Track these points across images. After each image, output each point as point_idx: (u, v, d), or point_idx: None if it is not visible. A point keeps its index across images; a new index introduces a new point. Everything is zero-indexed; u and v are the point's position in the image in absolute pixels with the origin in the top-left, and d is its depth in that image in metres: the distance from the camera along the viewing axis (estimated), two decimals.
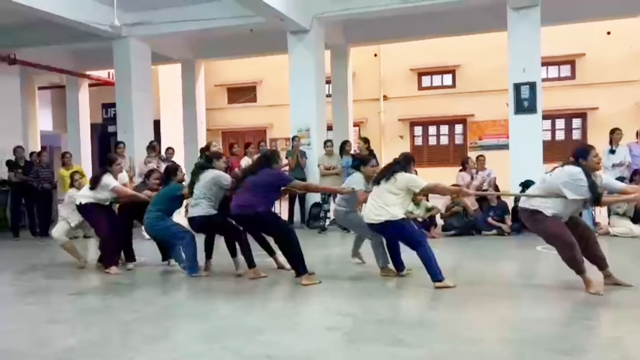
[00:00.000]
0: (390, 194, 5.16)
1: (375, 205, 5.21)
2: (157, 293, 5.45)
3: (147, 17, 10.90)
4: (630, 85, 15.35)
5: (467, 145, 17.33)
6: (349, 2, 10.03)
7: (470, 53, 16.42)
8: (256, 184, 5.48)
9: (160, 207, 6.00)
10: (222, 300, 4.95)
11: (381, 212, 5.17)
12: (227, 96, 19.95)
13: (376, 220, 5.19)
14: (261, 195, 5.43)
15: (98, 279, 6.10)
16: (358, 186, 5.63)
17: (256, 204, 5.37)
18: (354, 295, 4.94)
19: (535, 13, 9.27)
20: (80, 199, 6.28)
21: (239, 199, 5.52)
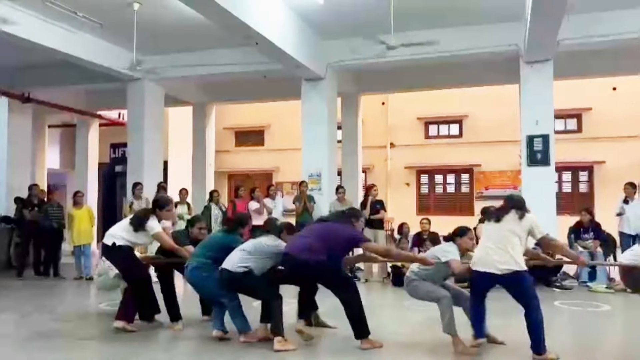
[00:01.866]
0: (514, 236, 4.40)
1: (495, 249, 4.40)
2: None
3: (163, 60, 11.08)
4: (636, 140, 15.46)
5: (473, 195, 17.31)
6: (363, 52, 10.20)
7: (477, 104, 16.61)
8: (329, 235, 4.87)
9: (210, 255, 5.24)
10: None
11: (506, 258, 4.35)
12: (234, 139, 20.07)
13: (501, 271, 4.34)
14: (331, 248, 4.81)
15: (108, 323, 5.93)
16: (452, 255, 4.81)
17: (322, 253, 4.73)
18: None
19: (548, 67, 9.45)
20: (114, 239, 5.42)
21: (303, 241, 4.89)
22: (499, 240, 4.43)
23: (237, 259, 5.00)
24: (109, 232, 5.57)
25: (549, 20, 7.50)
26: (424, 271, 4.91)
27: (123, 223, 5.64)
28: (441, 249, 4.95)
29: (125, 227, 5.50)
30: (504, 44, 9.63)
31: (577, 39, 9.05)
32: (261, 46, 8.75)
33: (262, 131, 19.74)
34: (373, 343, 4.77)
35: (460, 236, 4.90)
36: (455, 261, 4.76)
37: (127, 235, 5.43)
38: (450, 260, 4.76)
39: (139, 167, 11.55)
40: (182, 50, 10.95)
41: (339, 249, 4.89)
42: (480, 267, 4.50)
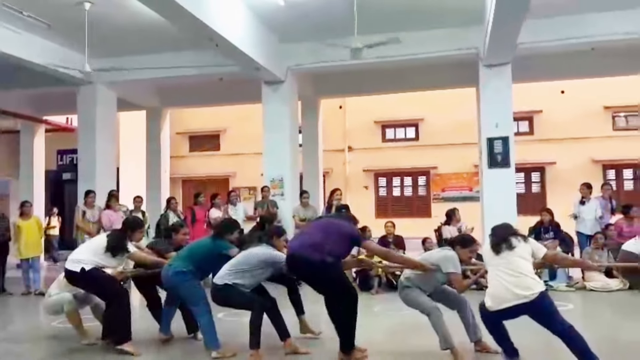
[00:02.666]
0: (523, 260, 4.15)
1: (514, 277, 4.06)
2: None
3: (115, 63, 10.59)
4: (585, 141, 16.06)
5: (430, 197, 17.51)
6: (324, 55, 10.09)
7: (432, 107, 16.83)
8: (333, 230, 4.56)
9: (194, 261, 4.96)
10: None
11: (529, 282, 4.03)
12: (188, 144, 19.59)
13: (528, 298, 3.98)
14: (335, 243, 4.47)
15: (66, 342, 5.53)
16: (453, 268, 4.53)
17: (327, 251, 4.38)
18: None
19: (507, 70, 9.62)
20: (82, 264, 5.01)
21: (306, 237, 4.60)
22: (511, 268, 4.12)
23: (224, 272, 4.76)
24: (72, 257, 5.18)
25: (510, 24, 7.61)
26: (417, 276, 4.69)
27: (92, 246, 5.27)
28: (444, 258, 4.61)
29: (96, 251, 5.12)
30: (464, 47, 9.74)
31: (533, 43, 9.24)
32: (222, 48, 8.51)
33: (217, 136, 19.38)
34: (355, 359, 4.46)
35: (462, 247, 4.65)
36: (458, 278, 4.55)
37: (97, 258, 5.09)
38: (453, 275, 4.53)
39: (91, 174, 11.05)
40: (136, 53, 10.53)
41: (341, 245, 4.56)
42: (503, 303, 4.08)
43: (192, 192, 18.67)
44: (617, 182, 16.02)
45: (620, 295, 7.99)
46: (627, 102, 16.11)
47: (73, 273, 5.07)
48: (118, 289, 5.20)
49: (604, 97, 16.06)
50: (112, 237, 5.21)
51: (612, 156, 16.09)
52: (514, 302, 4.00)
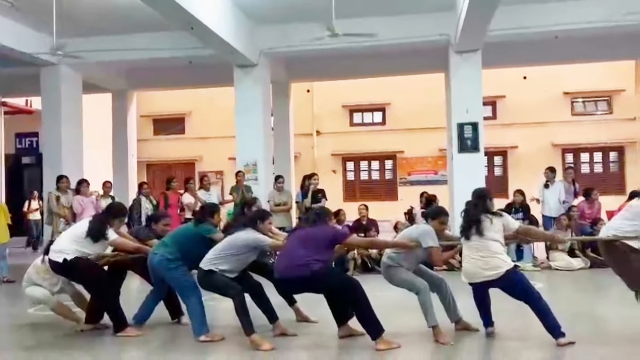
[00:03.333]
0: (493, 241, 4.42)
1: (481, 258, 4.40)
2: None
3: (82, 44, 10.28)
4: (546, 126, 16.61)
5: (397, 181, 17.80)
6: (298, 39, 10.06)
7: (399, 92, 17.02)
8: (310, 240, 4.62)
9: (178, 247, 4.96)
10: None
11: (496, 262, 4.36)
12: (153, 127, 19.24)
13: (495, 275, 4.36)
14: (318, 252, 4.53)
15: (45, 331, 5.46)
16: (432, 242, 4.65)
17: (311, 262, 4.45)
18: None
19: (477, 57, 9.82)
20: (64, 255, 4.97)
21: (287, 257, 4.61)
22: (481, 249, 4.44)
23: (210, 257, 4.77)
24: (54, 247, 5.13)
25: (484, 11, 7.77)
26: (399, 255, 4.78)
27: (72, 234, 5.20)
28: (423, 233, 4.73)
29: (77, 239, 5.07)
30: (435, 34, 9.89)
31: (502, 30, 9.44)
32: (196, 31, 8.39)
33: (182, 119, 19.11)
34: (389, 343, 4.44)
35: (433, 218, 4.82)
36: (437, 252, 4.69)
37: (79, 247, 5.03)
38: (432, 249, 4.65)
39: (56, 158, 10.75)
40: (103, 34, 10.24)
41: (323, 250, 4.62)
42: (473, 279, 4.50)
43: (156, 177, 18.46)
44: (574, 164, 16.65)
45: (582, 274, 8.40)
46: (585, 88, 16.76)
47: (56, 263, 5.04)
48: (102, 277, 5.16)
49: (564, 84, 16.62)
50: (93, 223, 5.15)
51: (570, 140, 16.72)
52: (482, 280, 4.43)
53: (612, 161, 17.08)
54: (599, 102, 17.21)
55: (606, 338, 4.70)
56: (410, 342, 4.61)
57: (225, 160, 17.06)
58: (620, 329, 4.98)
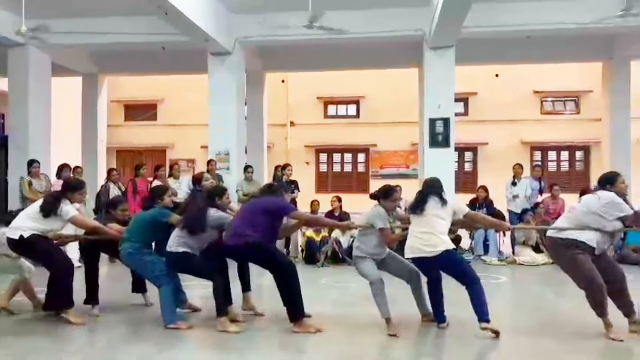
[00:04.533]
0: (439, 219, 4.57)
1: (423, 234, 4.54)
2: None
3: (52, 25, 10.03)
4: (516, 123, 16.90)
5: (369, 174, 17.92)
6: (274, 28, 10.03)
7: (374, 85, 17.10)
8: (254, 211, 4.79)
9: (139, 237, 5.04)
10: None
11: (435, 241, 4.49)
12: (124, 113, 18.91)
13: (431, 253, 4.50)
14: (258, 223, 4.69)
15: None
16: (382, 223, 4.77)
17: (249, 233, 4.64)
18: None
19: (451, 53, 9.93)
20: (21, 231, 4.93)
21: (233, 226, 4.77)
22: (425, 225, 4.59)
23: (173, 240, 4.84)
24: (12, 224, 5.08)
25: (458, 7, 7.87)
26: (363, 244, 4.87)
27: (28, 211, 5.15)
28: (374, 215, 4.84)
29: (32, 215, 5.05)
30: (410, 29, 9.97)
31: (475, 28, 9.57)
32: (171, 17, 8.28)
33: (154, 105, 18.81)
34: (307, 327, 4.64)
35: (384, 198, 4.90)
36: (387, 233, 4.79)
37: (35, 224, 4.99)
38: (382, 231, 4.75)
39: (24, 141, 10.51)
40: (74, 15, 10.01)
41: (266, 221, 4.74)
42: (412, 254, 4.66)
43: (127, 163, 18.18)
44: (542, 162, 17.03)
45: (545, 269, 8.64)
46: (554, 88, 17.11)
47: (12, 240, 5.02)
48: (59, 255, 5.13)
49: (534, 83, 16.93)
50: (47, 197, 5.15)
51: (539, 138, 17.06)
52: (418, 255, 4.58)
53: (578, 160, 17.51)
54: (567, 102, 17.59)
55: (555, 330, 4.85)
56: (365, 332, 4.76)
57: (198, 149, 16.88)
58: (570, 321, 5.15)
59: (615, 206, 4.53)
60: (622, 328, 4.58)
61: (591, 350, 4.38)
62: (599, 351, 4.39)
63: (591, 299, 4.48)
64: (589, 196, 4.73)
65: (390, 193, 4.94)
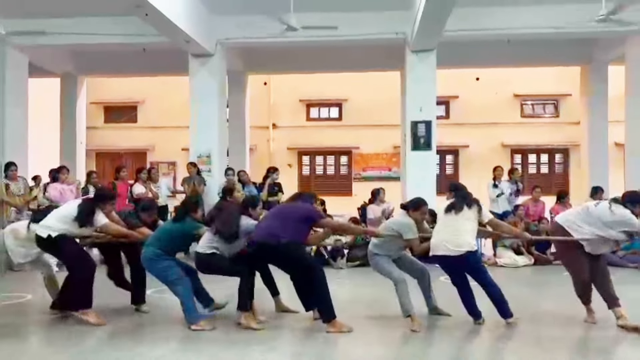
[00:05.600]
0: (467, 221, 4.75)
1: (450, 234, 4.71)
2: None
3: (29, 25, 9.89)
4: (496, 126, 17.07)
5: (352, 176, 17.94)
6: (256, 30, 9.99)
7: (356, 88, 17.13)
8: (285, 215, 4.92)
9: (165, 245, 5.07)
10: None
11: (460, 241, 4.66)
12: (103, 115, 18.67)
13: (455, 252, 4.67)
14: (290, 227, 4.77)
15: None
16: (412, 234, 4.97)
17: (282, 235, 4.70)
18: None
19: (432, 56, 9.99)
20: (50, 231, 5.04)
21: (264, 226, 4.90)
22: (451, 225, 4.76)
23: (204, 241, 4.95)
24: (43, 222, 5.18)
25: (440, 11, 7.91)
26: (385, 244, 5.05)
27: (61, 213, 5.21)
28: (404, 225, 5.01)
29: (64, 218, 5.12)
30: (392, 32, 10.00)
31: (456, 31, 9.63)
32: (151, 18, 8.19)
33: (134, 107, 18.60)
34: (340, 326, 4.68)
35: (414, 210, 5.08)
36: (416, 242, 4.99)
37: (66, 226, 5.09)
38: (412, 241, 4.97)
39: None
40: (52, 15, 9.86)
41: (296, 226, 4.83)
42: (436, 252, 4.79)
43: (106, 166, 17.94)
44: (522, 165, 17.21)
45: (526, 270, 8.74)
46: (534, 91, 17.32)
47: (40, 238, 5.12)
48: (83, 257, 5.19)
49: (514, 86, 17.11)
50: (82, 207, 5.17)
51: (519, 141, 17.24)
52: (443, 253, 4.73)
53: (557, 162, 17.75)
54: (546, 105, 17.82)
55: (531, 332, 4.85)
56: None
57: (179, 151, 16.74)
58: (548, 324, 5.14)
59: (626, 224, 4.74)
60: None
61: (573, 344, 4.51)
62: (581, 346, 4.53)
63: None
64: (604, 207, 4.85)
65: (420, 205, 5.13)
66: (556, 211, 10.07)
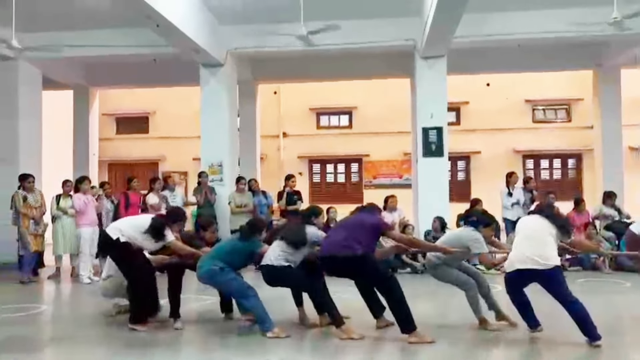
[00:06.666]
0: (551, 237, 4.63)
1: (535, 246, 4.56)
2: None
3: (42, 39, 9.97)
4: (507, 132, 16.99)
5: (362, 184, 17.91)
6: (263, 40, 10.03)
7: (366, 96, 17.16)
8: (355, 226, 4.90)
9: (227, 260, 5.06)
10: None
11: (548, 254, 4.52)
12: (115, 126, 18.85)
13: (543, 266, 4.48)
14: (362, 238, 4.75)
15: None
16: (483, 248, 4.97)
17: (356, 246, 4.69)
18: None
19: (442, 63, 9.96)
20: (120, 235, 5.14)
21: (334, 239, 4.87)
22: (534, 238, 4.65)
23: (276, 253, 4.96)
24: (114, 224, 5.38)
25: (450, 18, 7.89)
26: (446, 255, 5.09)
27: (135, 223, 5.34)
28: (472, 240, 5.00)
29: (136, 228, 5.22)
30: (402, 39, 9.99)
31: (466, 37, 9.60)
32: (162, 29, 8.25)
33: (146, 118, 18.78)
34: (422, 337, 4.62)
35: (485, 226, 5.13)
36: (487, 256, 5.04)
37: (134, 234, 5.19)
38: (483, 255, 5.00)
39: (14, 156, 10.40)
40: (64, 29, 9.96)
41: (367, 237, 4.84)
42: (520, 265, 4.60)
43: (118, 176, 18.08)
44: (534, 171, 17.11)
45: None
46: (545, 96, 17.23)
47: (109, 238, 5.19)
48: (144, 268, 5.23)
49: (525, 91, 17.04)
50: (154, 221, 5.27)
51: (531, 147, 17.14)
52: (529, 266, 4.51)
53: (570, 167, 17.60)
54: (558, 110, 17.71)
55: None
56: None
57: (190, 161, 16.86)
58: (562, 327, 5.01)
59: None
60: None
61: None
62: None
63: None
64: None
65: (491, 222, 5.22)
66: (573, 218, 9.97)
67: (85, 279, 8.29)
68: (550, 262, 4.49)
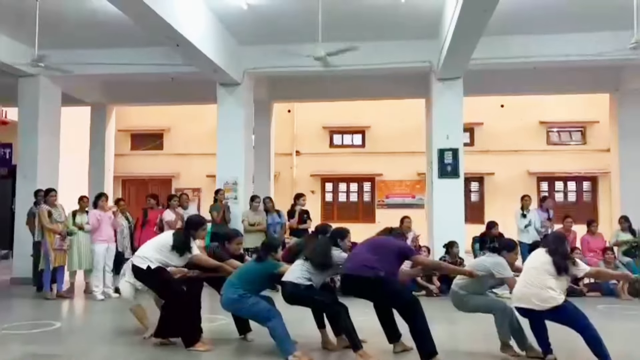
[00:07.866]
0: (549, 276, 4.58)
1: (532, 286, 4.58)
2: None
3: (62, 56, 10.13)
4: (522, 154, 16.92)
5: (375, 203, 17.86)
6: (280, 60, 10.08)
7: (379, 115, 17.21)
8: (378, 248, 4.88)
9: (248, 286, 5.04)
10: None
11: (545, 296, 4.52)
12: (130, 142, 19.01)
13: (541, 307, 4.53)
14: (386, 260, 4.75)
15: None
16: (508, 273, 4.99)
17: (379, 267, 4.67)
18: None
19: (459, 84, 9.97)
20: (149, 262, 5.16)
21: (359, 259, 4.83)
22: (533, 277, 4.63)
23: (298, 272, 4.93)
24: (139, 253, 5.38)
25: (468, 40, 7.92)
26: (472, 284, 5.05)
27: (156, 243, 5.36)
28: (497, 265, 5.02)
29: (159, 247, 5.26)
30: (418, 60, 10.03)
31: (483, 60, 9.59)
32: (182, 48, 8.35)
33: (161, 134, 18.94)
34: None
35: (508, 251, 5.14)
36: (513, 280, 4.92)
37: (160, 256, 5.22)
38: (508, 279, 4.97)
39: (32, 170, 10.50)
40: (85, 47, 10.12)
41: (391, 260, 4.84)
42: (518, 303, 4.69)
43: (132, 192, 18.19)
44: (549, 193, 16.95)
45: None
46: (560, 118, 17.15)
47: (139, 269, 5.23)
48: (178, 291, 5.23)
49: (540, 113, 16.99)
50: (178, 237, 5.27)
51: (545, 169, 17.03)
52: (528, 306, 4.60)
53: (585, 190, 17.44)
54: (573, 133, 17.63)
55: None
56: None
57: (203, 178, 16.95)
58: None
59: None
60: None
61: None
62: None
63: None
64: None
65: (514, 247, 5.23)
66: (587, 242, 9.87)
67: (99, 295, 8.30)
68: (547, 304, 4.50)
